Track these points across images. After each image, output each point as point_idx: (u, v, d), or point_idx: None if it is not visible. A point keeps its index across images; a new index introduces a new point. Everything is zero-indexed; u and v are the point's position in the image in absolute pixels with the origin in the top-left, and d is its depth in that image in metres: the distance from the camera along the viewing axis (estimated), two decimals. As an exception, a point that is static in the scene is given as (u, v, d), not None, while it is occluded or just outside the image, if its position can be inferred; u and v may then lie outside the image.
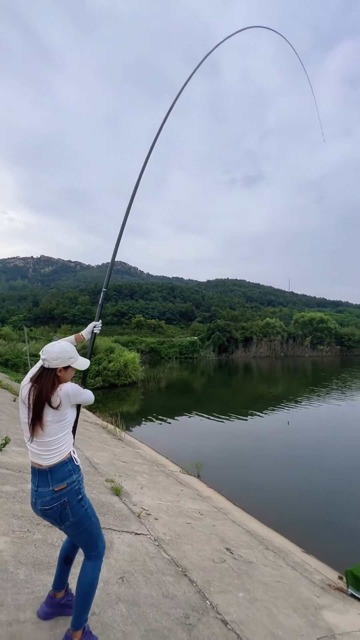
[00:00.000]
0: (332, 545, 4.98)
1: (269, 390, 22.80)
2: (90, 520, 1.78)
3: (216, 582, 2.89)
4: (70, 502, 1.70)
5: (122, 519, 3.59)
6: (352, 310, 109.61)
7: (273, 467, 8.36)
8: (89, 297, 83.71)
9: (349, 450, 9.72)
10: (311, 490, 6.94)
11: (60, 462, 1.73)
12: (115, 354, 23.69)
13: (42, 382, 1.73)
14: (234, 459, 8.99)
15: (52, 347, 1.82)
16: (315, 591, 3.40)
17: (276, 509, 6.00)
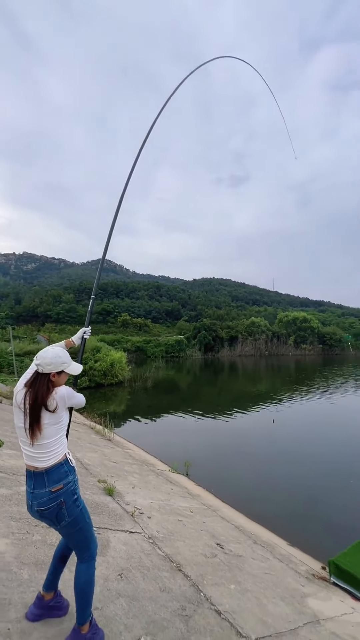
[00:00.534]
0: (315, 538, 5.23)
1: (254, 388, 23.25)
2: (85, 521, 1.84)
3: (209, 575, 3.03)
4: (66, 502, 1.76)
5: (117, 518, 3.68)
6: (334, 310, 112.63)
7: (258, 464, 8.61)
8: (73, 295, 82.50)
9: (330, 447, 10.12)
10: (295, 486, 7.22)
11: (56, 463, 1.79)
12: (102, 353, 23.54)
13: (37, 387, 1.80)
14: (220, 456, 9.20)
15: (45, 352, 1.89)
16: (301, 581, 3.61)
17: (262, 504, 6.22)
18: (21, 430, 1.77)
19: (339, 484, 7.32)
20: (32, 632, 1.75)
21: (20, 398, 1.80)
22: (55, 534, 2.85)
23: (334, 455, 9.33)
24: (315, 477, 7.76)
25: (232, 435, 11.51)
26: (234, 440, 10.91)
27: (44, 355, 1.87)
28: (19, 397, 1.81)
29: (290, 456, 9.26)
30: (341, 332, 69.57)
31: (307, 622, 2.78)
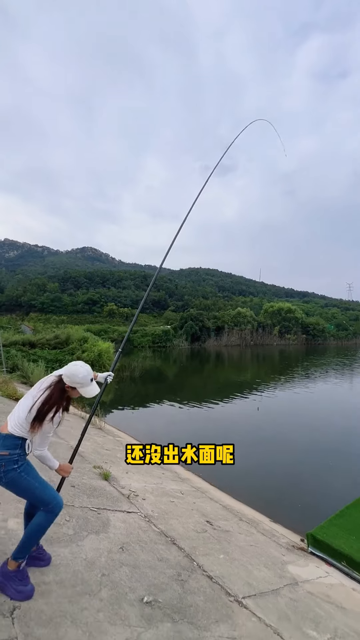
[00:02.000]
0: (295, 515, 5.69)
1: (239, 378, 23.89)
2: (28, 482, 2.02)
3: (200, 547, 3.36)
4: (6, 465, 1.96)
5: (114, 500, 3.95)
6: (317, 300, 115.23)
7: (243, 449, 9.06)
8: (58, 284, 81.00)
9: (310, 432, 10.72)
10: (277, 469, 7.71)
11: (15, 435, 2.02)
12: (89, 343, 23.59)
13: (54, 389, 2.14)
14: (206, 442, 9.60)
15: (71, 366, 2.20)
16: (282, 551, 4.01)
17: (247, 486, 6.65)
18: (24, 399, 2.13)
19: (317, 466, 7.86)
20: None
21: (46, 383, 2.18)
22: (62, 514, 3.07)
23: (313, 440, 9.91)
24: (295, 460, 8.28)
25: (217, 423, 11.96)
26: (219, 427, 11.36)
27: (68, 369, 2.19)
28: (46, 381, 2.20)
29: (272, 441, 9.78)
30: (324, 322, 71.55)
31: (287, 584, 3.15)
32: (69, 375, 2.15)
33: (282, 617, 2.56)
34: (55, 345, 23.01)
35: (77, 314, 69.29)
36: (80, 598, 2.03)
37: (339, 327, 75.19)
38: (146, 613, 2.11)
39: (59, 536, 2.70)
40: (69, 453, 5.39)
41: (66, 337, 23.93)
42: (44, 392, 2.11)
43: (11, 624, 1.66)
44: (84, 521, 3.10)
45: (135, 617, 2.04)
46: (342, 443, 9.73)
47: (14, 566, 1.97)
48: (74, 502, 3.45)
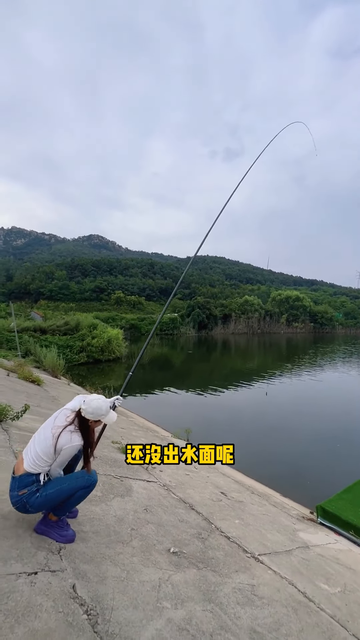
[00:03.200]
0: (304, 490, 5.92)
1: (247, 365, 24.09)
2: (53, 495, 2.07)
3: (217, 513, 3.58)
4: (27, 500, 2.04)
5: (134, 470, 4.18)
6: (326, 289, 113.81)
7: (253, 431, 9.32)
8: (66, 272, 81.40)
9: (318, 417, 10.90)
10: (286, 449, 7.94)
11: (32, 473, 2.08)
12: (99, 330, 23.93)
13: (83, 430, 2.20)
14: (217, 425, 9.87)
15: (91, 402, 2.24)
16: (292, 521, 4.23)
17: (258, 464, 6.89)
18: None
19: (324, 447, 8.07)
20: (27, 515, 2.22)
21: (63, 419, 2.21)
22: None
23: (321, 424, 10.10)
24: (303, 442, 8.50)
25: (226, 407, 12.22)
26: (229, 411, 11.62)
27: (90, 405, 2.23)
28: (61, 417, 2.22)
29: (281, 424, 10.00)
30: (332, 311, 70.91)
31: (299, 547, 3.36)
32: (94, 411, 2.19)
33: (295, 572, 2.77)
34: (66, 332, 23.40)
35: (85, 301, 69.83)
36: (115, 545, 2.25)
37: (347, 315, 74.50)
38: (174, 560, 2.33)
39: (89, 497, 2.91)
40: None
41: (76, 324, 24.29)
42: (65, 428, 2.15)
43: (60, 559, 1.88)
44: (109, 486, 3.33)
45: (165, 562, 2.25)
46: (348, 426, 9.91)
47: (55, 518, 2.19)
48: (98, 470, 3.68)
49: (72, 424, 2.19)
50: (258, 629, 1.88)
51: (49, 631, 1.36)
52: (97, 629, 1.47)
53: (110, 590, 1.76)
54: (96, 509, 2.72)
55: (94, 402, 2.23)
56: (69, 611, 1.51)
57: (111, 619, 1.55)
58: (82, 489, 2.16)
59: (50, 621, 1.42)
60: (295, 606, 2.25)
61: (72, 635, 1.38)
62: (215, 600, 2.03)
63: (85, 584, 1.74)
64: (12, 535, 1.92)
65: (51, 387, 9.92)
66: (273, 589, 2.39)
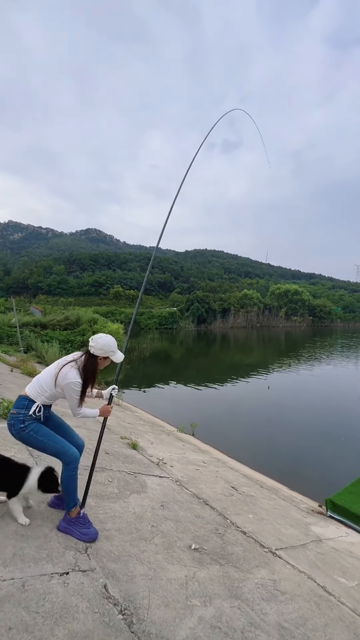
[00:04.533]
0: (311, 484, 5.96)
1: (247, 359, 24.15)
2: (37, 440, 2.13)
3: (231, 508, 3.60)
4: (14, 425, 2.12)
5: (146, 466, 4.20)
6: (325, 282, 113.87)
7: (257, 425, 9.37)
8: (64, 266, 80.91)
9: (317, 411, 10.97)
10: (291, 443, 7.99)
11: (26, 397, 2.17)
12: (99, 325, 23.90)
13: (86, 360, 2.27)
14: (221, 419, 9.92)
15: (99, 338, 2.29)
16: (303, 514, 4.27)
17: (264, 458, 6.94)
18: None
19: (329, 440, 8.13)
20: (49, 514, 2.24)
21: (69, 358, 2.30)
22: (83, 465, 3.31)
23: (323, 417, 10.17)
24: (308, 435, 8.56)
25: (228, 401, 12.28)
26: (231, 405, 11.67)
27: (98, 341, 2.27)
28: (67, 358, 2.30)
29: (284, 417, 10.06)
30: (331, 304, 71.02)
31: (313, 540, 3.39)
32: (103, 346, 2.24)
33: (312, 566, 2.79)
34: (66, 327, 23.35)
35: (84, 296, 69.57)
36: (138, 542, 2.25)
37: (346, 309, 74.66)
38: (196, 557, 2.34)
39: (106, 494, 2.93)
40: (98, 425, 5.64)
41: (76, 319, 24.24)
42: (68, 362, 2.21)
43: (88, 559, 1.88)
44: (124, 483, 3.34)
45: (188, 559, 2.26)
46: (351, 419, 9.98)
47: (74, 514, 2.18)
48: (112, 467, 3.69)
49: (75, 361, 2.26)
50: (285, 625, 1.89)
51: (88, 633, 1.36)
52: (133, 629, 1.47)
53: (140, 589, 1.76)
54: (115, 506, 2.72)
55: (102, 338, 2.28)
56: (104, 611, 1.51)
57: (146, 618, 1.55)
58: (63, 457, 2.15)
59: (88, 622, 1.42)
60: (317, 600, 2.28)
61: (111, 636, 1.39)
62: (241, 596, 2.04)
63: (115, 583, 1.74)
64: (39, 535, 1.92)
65: (55, 383, 9.91)
66: (294, 583, 2.41)
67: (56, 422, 2.41)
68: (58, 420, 2.43)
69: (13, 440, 3.59)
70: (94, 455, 2.47)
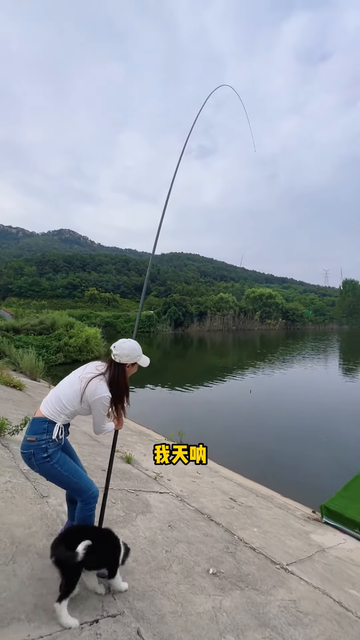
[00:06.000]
0: (300, 489, 6.06)
1: (226, 362, 24.42)
2: (62, 474, 1.91)
3: (235, 522, 3.54)
4: (35, 455, 1.85)
5: (144, 482, 4.05)
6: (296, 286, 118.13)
7: (241, 430, 9.43)
8: (36, 267, 78.12)
9: (299, 411, 11.25)
10: (274, 448, 8.11)
11: (44, 419, 1.92)
12: (76, 329, 23.19)
13: (113, 372, 2.08)
14: (205, 424, 9.89)
15: (123, 344, 2.13)
16: (301, 522, 4.30)
17: (253, 464, 6.98)
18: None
19: (312, 442, 8.34)
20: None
21: (93, 367, 2.09)
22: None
23: (305, 419, 10.44)
24: (291, 437, 8.73)
25: (212, 404, 12.30)
26: (215, 409, 11.69)
27: (123, 347, 2.11)
28: (90, 366, 2.11)
29: (267, 422, 10.21)
30: (303, 307, 73.64)
31: (317, 551, 3.41)
32: (130, 351, 2.08)
33: (324, 580, 2.79)
34: (41, 331, 22.44)
35: (57, 298, 67.48)
36: (158, 573, 2.13)
37: (316, 312, 77.80)
38: (216, 583, 2.25)
39: (114, 518, 2.77)
40: (84, 437, 5.40)
41: (52, 323, 23.36)
42: (96, 376, 2.02)
43: (113, 599, 1.73)
44: (128, 503, 3.19)
45: (210, 587, 2.17)
46: (329, 420, 10.32)
47: None
48: (111, 485, 3.50)
49: (103, 374, 2.04)
50: (317, 651, 1.85)
51: None
52: None
53: (173, 630, 1.65)
54: (126, 532, 2.58)
55: (127, 343, 2.12)
56: (144, 662, 1.38)
57: (187, 664, 1.44)
58: (83, 496, 1.98)
59: None
60: (337, 619, 2.26)
61: None
62: (269, 623, 1.98)
63: (148, 626, 1.62)
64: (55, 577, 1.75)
65: (34, 392, 9.46)
66: (312, 602, 2.38)
67: (69, 446, 2.23)
68: (68, 443, 2.26)
69: (5, 463, 3.34)
70: (107, 480, 2.32)
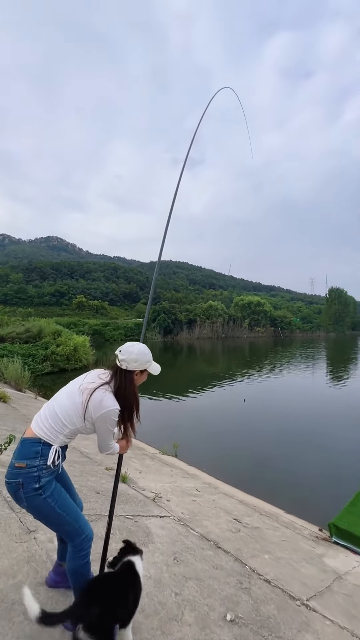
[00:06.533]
0: (304, 505, 5.79)
1: (218, 370, 24.17)
2: (54, 512, 1.57)
3: (244, 549, 3.22)
4: (24, 485, 1.51)
5: (142, 505, 3.70)
6: (284, 294, 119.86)
7: (236, 440, 9.12)
8: (22, 274, 76.64)
9: (291, 419, 11.04)
10: (272, 458, 7.83)
11: (37, 439, 1.58)
12: (63, 337, 22.56)
13: (120, 380, 1.78)
14: (199, 434, 9.54)
15: (132, 347, 1.84)
16: (310, 544, 4.00)
17: (251, 478, 6.67)
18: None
19: (311, 453, 8.10)
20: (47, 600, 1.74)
21: (94, 376, 1.81)
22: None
23: (302, 428, 10.21)
24: (287, 448, 8.47)
25: (204, 414, 11.96)
26: (208, 419, 11.36)
27: (131, 351, 1.79)
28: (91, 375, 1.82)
29: (261, 431, 9.94)
30: (291, 315, 74.53)
31: (334, 579, 3.11)
32: (139, 355, 1.78)
33: (349, 616, 2.50)
34: (27, 340, 21.73)
35: (44, 306, 66.15)
36: (170, 627, 1.80)
37: (304, 319, 78.84)
38: (237, 633, 1.93)
39: (112, 552, 2.41)
40: (74, 454, 5.00)
41: (38, 331, 22.67)
42: (100, 386, 1.71)
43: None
44: (127, 532, 2.84)
45: (230, 639, 1.85)
46: (329, 430, 10.13)
47: None
48: (107, 511, 3.16)
49: (107, 384, 1.75)
50: None
51: None
52: None
53: None
54: (127, 571, 2.23)
55: (135, 346, 1.83)
56: None
57: None
58: (75, 541, 1.63)
59: None
60: (374, 669, 1.97)
61: None
62: None
63: None
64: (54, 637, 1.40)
65: (19, 404, 8.94)
66: (343, 648, 2.08)
67: (65, 475, 1.88)
68: (64, 471, 1.91)
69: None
70: (109, 514, 1.99)
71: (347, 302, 79.85)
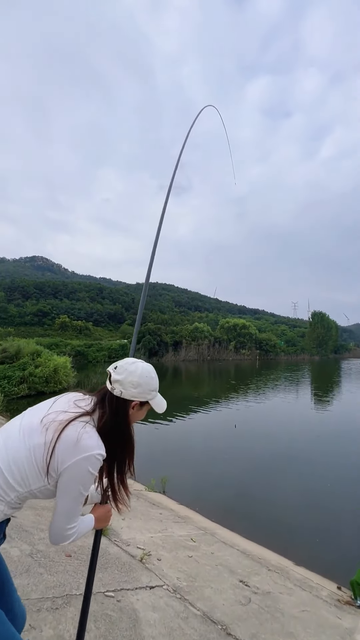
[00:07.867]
0: (311, 550, 5.02)
1: (203, 392, 23.33)
2: None
3: (261, 633, 2.46)
4: None
5: (127, 570, 2.89)
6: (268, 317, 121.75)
7: (232, 474, 8.27)
8: (4, 293, 74.64)
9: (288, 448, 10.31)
10: (268, 495, 7.03)
11: None
12: (43, 357, 21.34)
13: (110, 415, 1.15)
14: (186, 467, 8.65)
15: (134, 366, 1.20)
16: (335, 611, 3.25)
17: (250, 518, 5.86)
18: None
19: (314, 487, 7.36)
20: None
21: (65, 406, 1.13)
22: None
23: (293, 453, 9.48)
24: (287, 482, 7.71)
25: (191, 442, 11.08)
26: (196, 448, 10.48)
27: (131, 370, 1.18)
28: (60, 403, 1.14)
29: (257, 462, 9.15)
30: (275, 338, 75.16)
31: (379, 673, 2.38)
32: (142, 380, 1.17)
33: None
34: (3, 360, 20.37)
35: (25, 325, 64.05)
36: None
37: (288, 342, 79.57)
38: None
39: None
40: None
41: (16, 351, 21.36)
42: (75, 418, 1.07)
43: None
44: (107, 624, 2.05)
45: None
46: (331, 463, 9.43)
47: None
48: (80, 586, 2.35)
49: (88, 415, 1.12)
50: None
51: None
52: None
53: None
54: None
55: (138, 365, 1.21)
56: None
57: None
58: None
59: None
60: None
61: None
62: None
63: None
64: None
65: (-14, 432, 7.86)
66: None
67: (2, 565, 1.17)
68: (2, 559, 1.19)
69: None
70: (85, 597, 1.29)
71: (329, 325, 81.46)
